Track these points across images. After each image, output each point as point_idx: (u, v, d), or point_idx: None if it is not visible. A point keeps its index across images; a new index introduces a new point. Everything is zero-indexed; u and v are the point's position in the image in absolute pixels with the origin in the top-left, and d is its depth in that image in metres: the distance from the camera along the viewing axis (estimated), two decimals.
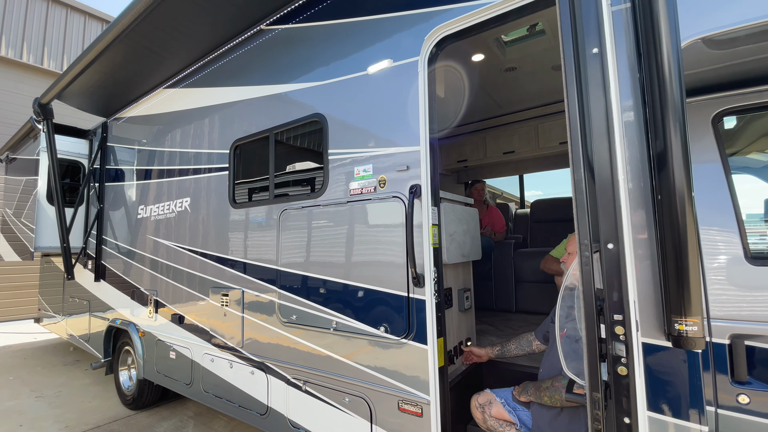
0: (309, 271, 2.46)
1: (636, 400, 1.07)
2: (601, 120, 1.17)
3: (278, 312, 2.61)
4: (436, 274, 1.97)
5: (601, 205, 1.13)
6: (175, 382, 3.51)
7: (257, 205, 2.86)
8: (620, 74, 1.23)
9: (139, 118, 4.38)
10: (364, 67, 2.32)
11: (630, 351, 1.06)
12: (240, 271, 2.92)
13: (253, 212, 2.88)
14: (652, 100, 1.05)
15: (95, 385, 5.08)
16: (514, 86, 4.42)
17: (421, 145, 2.02)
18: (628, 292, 1.07)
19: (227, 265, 3.03)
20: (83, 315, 5.18)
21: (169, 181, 3.78)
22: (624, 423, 1.08)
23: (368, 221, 2.21)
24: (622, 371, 1.08)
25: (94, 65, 3.55)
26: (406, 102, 2.11)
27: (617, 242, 1.10)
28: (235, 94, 3.17)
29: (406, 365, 2.01)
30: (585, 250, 1.14)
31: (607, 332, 1.09)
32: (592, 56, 1.20)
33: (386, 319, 2.08)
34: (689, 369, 1.11)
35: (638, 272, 1.14)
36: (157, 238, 3.82)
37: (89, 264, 4.96)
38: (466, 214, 2.52)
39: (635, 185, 1.21)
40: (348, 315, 2.25)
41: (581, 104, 1.20)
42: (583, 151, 1.18)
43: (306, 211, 2.52)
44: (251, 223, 2.89)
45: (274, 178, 2.79)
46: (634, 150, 1.17)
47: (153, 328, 3.82)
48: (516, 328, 3.42)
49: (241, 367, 2.89)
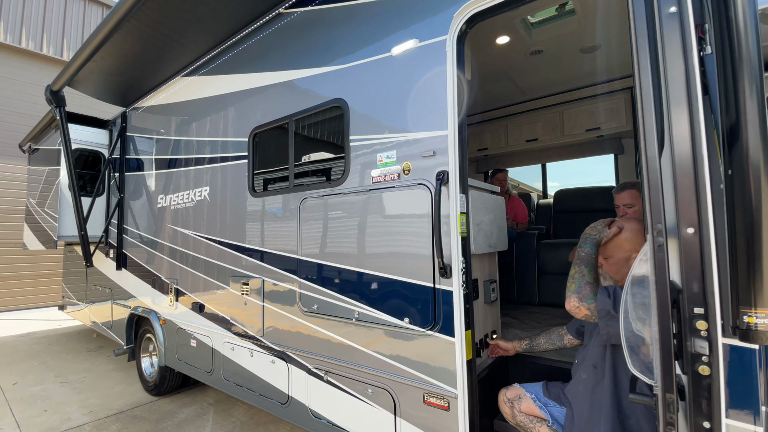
0: (330, 261, 2.40)
1: (719, 403, 0.97)
2: (680, 88, 1.05)
3: (299, 301, 2.57)
4: (464, 264, 1.89)
5: (681, 185, 1.02)
6: (196, 369, 3.54)
7: (277, 194, 2.81)
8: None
9: (158, 108, 4.37)
10: (387, 49, 2.22)
11: (714, 348, 0.96)
12: (260, 260, 2.89)
13: (273, 201, 2.84)
14: (723, 58, 0.92)
15: (118, 371, 5.19)
16: (539, 71, 4.25)
17: (449, 129, 1.93)
18: (712, 282, 0.96)
19: (247, 254, 3.00)
20: (106, 303, 5.28)
21: (187, 171, 3.77)
22: (703, 428, 0.98)
23: (391, 209, 2.14)
24: (703, 371, 0.98)
25: (106, 51, 3.52)
26: (433, 84, 2.02)
27: (698, 226, 0.99)
28: (253, 81, 3.11)
29: (432, 357, 1.95)
30: (659, 235, 1.03)
31: (685, 328, 0.99)
32: (669, 16, 1.08)
33: (410, 310, 2.02)
34: (754, 366, 1.00)
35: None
36: (177, 227, 3.83)
37: (111, 253, 5.04)
38: (492, 202, 2.42)
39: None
40: (370, 305, 2.19)
41: (656, 71, 1.08)
42: (657, 124, 1.06)
43: (326, 200, 2.45)
44: (271, 212, 2.84)
45: (294, 167, 2.73)
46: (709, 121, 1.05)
47: (174, 317, 3.85)
48: (540, 321, 3.32)
49: (261, 356, 2.87)
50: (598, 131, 4.56)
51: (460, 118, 1.94)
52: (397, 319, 2.07)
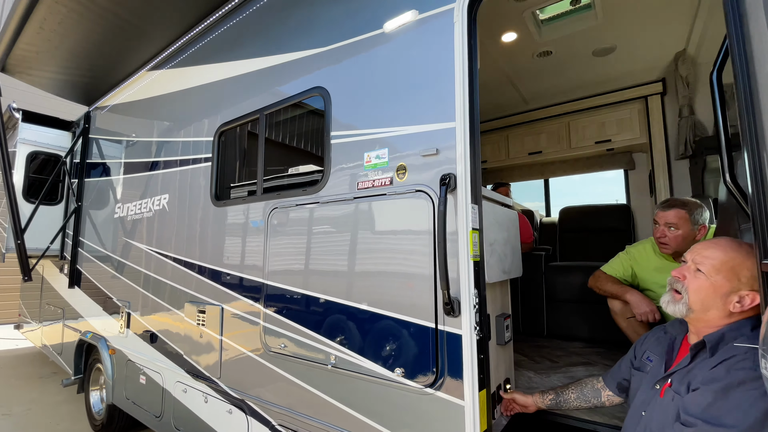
0: (302, 287, 1.90)
1: None
2: None
3: (263, 338, 2.05)
4: (478, 298, 1.41)
5: None
6: (144, 412, 2.95)
7: (243, 203, 2.32)
8: None
9: (122, 106, 3.88)
10: (379, 24, 1.79)
11: None
12: (219, 283, 2.37)
13: (238, 211, 2.34)
14: None
15: (67, 403, 4.53)
16: (546, 76, 3.88)
17: (458, 119, 1.48)
18: None
19: (205, 274, 2.49)
20: (57, 323, 4.66)
21: (147, 176, 3.26)
22: None
23: (381, 224, 1.66)
24: None
25: (58, 39, 3.05)
26: (436, 65, 1.57)
27: None
28: (223, 72, 2.65)
29: (432, 425, 1.44)
30: None
31: None
32: None
33: (403, 358, 1.52)
34: None
35: None
36: (133, 240, 3.29)
37: (65, 268, 4.45)
38: (506, 218, 1.96)
39: None
40: (351, 348, 1.68)
41: None
42: None
43: (300, 210, 1.97)
44: (235, 225, 2.35)
45: (263, 170, 2.25)
46: None
47: (124, 346, 3.28)
48: (554, 358, 2.83)
49: (217, 402, 2.32)
50: (608, 143, 4.18)
51: (472, 106, 1.49)
52: (386, 369, 1.56)
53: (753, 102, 0.93)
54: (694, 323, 1.27)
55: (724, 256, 1.17)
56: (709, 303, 1.18)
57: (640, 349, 1.52)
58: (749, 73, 0.95)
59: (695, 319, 1.24)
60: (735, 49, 0.98)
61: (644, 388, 1.37)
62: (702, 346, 1.18)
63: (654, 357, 1.41)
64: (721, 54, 1.21)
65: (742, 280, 1.13)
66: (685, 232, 2.09)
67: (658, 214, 2.19)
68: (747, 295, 1.13)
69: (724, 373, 1.05)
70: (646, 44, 3.32)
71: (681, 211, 2.11)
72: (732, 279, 1.14)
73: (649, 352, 1.44)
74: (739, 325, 1.16)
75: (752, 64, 0.94)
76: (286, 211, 2.03)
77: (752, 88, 0.93)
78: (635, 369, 1.48)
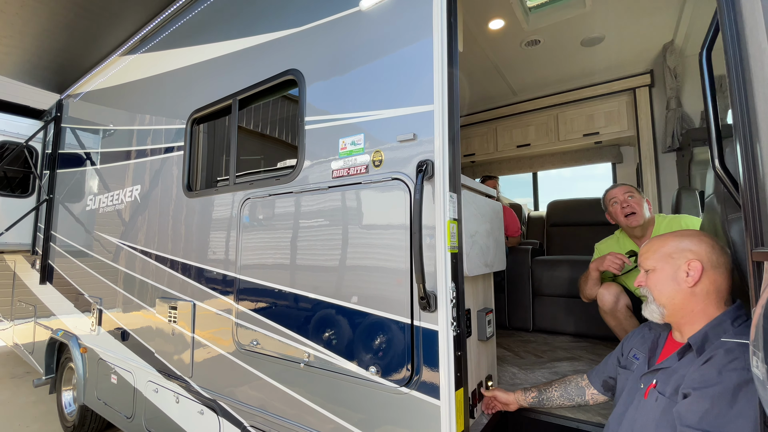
0: (274, 281, 1.80)
1: None
2: None
3: (236, 335, 1.94)
4: (455, 292, 1.33)
5: None
6: (115, 413, 2.82)
7: (215, 193, 2.20)
8: None
9: (94, 94, 3.70)
10: (355, 2, 1.68)
11: None
12: (191, 278, 2.25)
13: (210, 202, 2.22)
14: None
15: (39, 404, 4.36)
16: (534, 66, 3.81)
17: (436, 102, 1.38)
18: None
19: (177, 269, 2.36)
20: (29, 321, 4.47)
21: (120, 166, 3.11)
22: None
23: (356, 214, 1.56)
24: None
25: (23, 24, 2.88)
26: (414, 43, 1.48)
27: None
28: (196, 55, 2.51)
29: (407, 425, 1.36)
30: None
31: None
32: None
33: (378, 356, 1.43)
34: None
35: None
36: (104, 234, 3.14)
37: (37, 263, 4.26)
38: (489, 208, 1.88)
39: None
40: (324, 346, 1.59)
41: None
42: None
43: (274, 201, 1.86)
44: (206, 217, 2.23)
45: (235, 159, 2.13)
46: None
47: (95, 344, 3.14)
48: (539, 353, 2.78)
49: (189, 403, 2.21)
50: (596, 136, 4.13)
51: (451, 88, 1.40)
52: (360, 367, 1.47)
53: (744, 77, 0.85)
54: (674, 320, 1.24)
55: (656, 247, 1.26)
56: (668, 291, 1.20)
57: (627, 345, 1.46)
58: (740, 46, 0.87)
59: (672, 315, 1.22)
60: (725, 22, 0.90)
61: (630, 387, 1.30)
62: (688, 348, 1.14)
63: (640, 355, 1.35)
64: (711, 31, 1.14)
65: (675, 257, 1.20)
66: (639, 197, 2.28)
67: (611, 194, 2.37)
68: (687, 264, 1.16)
69: (716, 375, 0.98)
70: (635, 34, 3.27)
71: (624, 185, 2.35)
72: (668, 260, 1.21)
73: (636, 350, 1.39)
74: (719, 320, 1.13)
75: (743, 37, 0.87)
76: (258, 202, 1.92)
77: (743, 63, 0.85)
78: (621, 367, 1.41)
